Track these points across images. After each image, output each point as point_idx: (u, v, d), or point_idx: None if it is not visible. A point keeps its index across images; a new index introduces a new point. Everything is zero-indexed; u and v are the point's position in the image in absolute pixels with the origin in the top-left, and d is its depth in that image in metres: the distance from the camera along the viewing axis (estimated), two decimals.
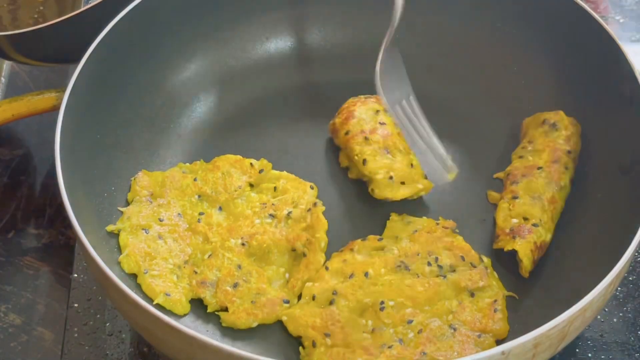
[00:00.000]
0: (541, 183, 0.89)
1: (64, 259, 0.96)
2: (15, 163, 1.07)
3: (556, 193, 0.89)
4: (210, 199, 0.92)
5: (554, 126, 0.92)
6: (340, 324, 0.81)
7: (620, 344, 0.87)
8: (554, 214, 0.88)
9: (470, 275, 0.84)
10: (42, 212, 1.02)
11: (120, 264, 0.85)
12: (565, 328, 0.72)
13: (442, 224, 0.89)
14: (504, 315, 0.83)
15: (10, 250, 0.99)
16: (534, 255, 0.85)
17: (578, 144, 0.93)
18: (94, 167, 0.90)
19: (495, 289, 0.84)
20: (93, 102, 0.90)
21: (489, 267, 0.86)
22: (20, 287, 0.96)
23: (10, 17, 1.10)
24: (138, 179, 0.93)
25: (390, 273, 0.84)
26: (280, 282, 0.87)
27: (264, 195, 0.93)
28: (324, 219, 0.90)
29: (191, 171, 0.95)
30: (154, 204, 0.91)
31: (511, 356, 0.69)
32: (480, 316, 0.82)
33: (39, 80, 1.17)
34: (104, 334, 0.88)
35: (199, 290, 0.86)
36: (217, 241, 0.88)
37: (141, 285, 0.84)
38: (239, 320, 0.84)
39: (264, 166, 0.95)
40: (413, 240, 0.87)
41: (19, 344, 0.91)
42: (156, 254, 0.87)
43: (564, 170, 0.90)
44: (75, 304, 0.91)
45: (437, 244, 0.87)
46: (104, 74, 0.92)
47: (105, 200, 0.90)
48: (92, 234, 0.81)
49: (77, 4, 1.09)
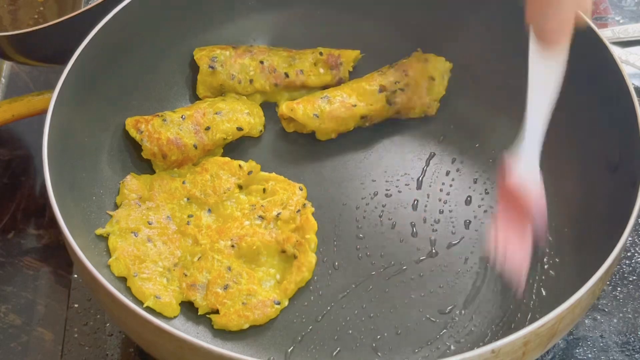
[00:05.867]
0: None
1: (64, 260, 0.96)
2: (15, 163, 1.07)
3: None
4: (199, 201, 0.92)
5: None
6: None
7: (620, 345, 0.88)
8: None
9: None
10: (42, 212, 1.02)
11: (109, 267, 0.85)
12: (555, 326, 0.72)
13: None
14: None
15: (10, 251, 0.99)
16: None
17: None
18: (82, 171, 0.90)
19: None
20: (80, 105, 0.90)
21: None
22: (20, 288, 0.95)
23: (10, 18, 1.10)
24: (126, 182, 0.93)
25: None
26: (271, 283, 0.87)
27: (253, 197, 0.93)
28: (314, 220, 0.90)
29: (180, 174, 0.95)
30: (142, 207, 0.91)
31: (501, 354, 0.70)
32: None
33: (39, 81, 1.17)
34: (104, 334, 0.88)
35: (189, 292, 0.85)
36: (206, 243, 0.88)
37: (131, 288, 0.84)
38: (231, 322, 0.84)
39: (252, 168, 0.95)
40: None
41: (19, 345, 0.91)
42: (145, 257, 0.87)
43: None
44: (75, 304, 0.91)
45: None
46: (91, 77, 0.91)
47: (94, 204, 0.90)
48: (81, 238, 0.81)
49: (77, 4, 1.09)
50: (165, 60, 1.01)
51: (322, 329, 0.85)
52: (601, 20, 1.19)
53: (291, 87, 1.02)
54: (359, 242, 0.91)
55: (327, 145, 0.99)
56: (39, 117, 1.02)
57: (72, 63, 0.88)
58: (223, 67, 1.00)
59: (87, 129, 0.92)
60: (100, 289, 0.75)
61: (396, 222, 0.93)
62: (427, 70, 1.00)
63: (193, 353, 0.70)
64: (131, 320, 0.74)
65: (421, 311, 0.86)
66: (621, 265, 0.94)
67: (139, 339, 0.79)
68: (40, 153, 0.81)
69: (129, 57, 0.97)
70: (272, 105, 1.02)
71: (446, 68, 1.01)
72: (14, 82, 1.17)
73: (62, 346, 0.88)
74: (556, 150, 0.95)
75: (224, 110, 0.97)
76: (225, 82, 1.00)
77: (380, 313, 0.86)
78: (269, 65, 1.01)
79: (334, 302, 0.87)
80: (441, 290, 0.87)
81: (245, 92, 1.01)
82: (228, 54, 1.01)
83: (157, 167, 0.95)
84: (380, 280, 0.88)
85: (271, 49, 1.03)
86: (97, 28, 0.91)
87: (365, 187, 0.96)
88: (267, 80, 1.01)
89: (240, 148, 0.99)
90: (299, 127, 0.99)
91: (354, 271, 0.89)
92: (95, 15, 0.92)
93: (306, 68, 1.01)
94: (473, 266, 0.89)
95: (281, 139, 1.00)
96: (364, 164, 0.98)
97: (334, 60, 1.02)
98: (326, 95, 0.98)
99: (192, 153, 0.95)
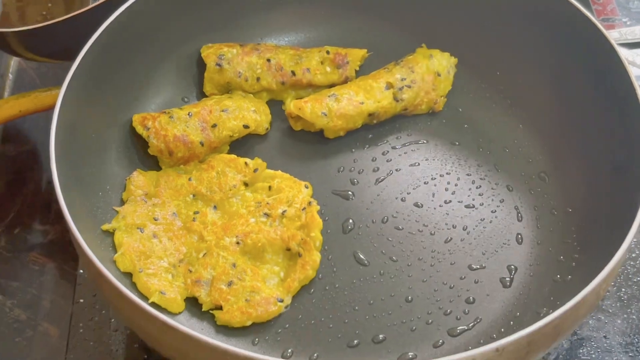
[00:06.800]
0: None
1: (70, 255, 0.97)
2: (21, 159, 1.07)
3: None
4: (205, 198, 0.92)
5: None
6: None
7: (624, 345, 0.88)
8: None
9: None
10: (48, 208, 1.03)
11: (115, 263, 0.85)
12: (559, 325, 0.72)
13: None
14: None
15: (16, 246, 0.99)
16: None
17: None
18: (89, 166, 0.90)
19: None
20: (87, 101, 0.91)
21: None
22: (25, 283, 0.96)
23: (18, 14, 1.10)
24: (133, 178, 0.93)
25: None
26: (275, 280, 0.87)
27: (258, 194, 0.93)
28: (319, 218, 0.90)
29: (186, 171, 0.95)
30: (148, 203, 0.91)
31: (505, 353, 0.70)
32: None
33: (46, 77, 1.17)
34: (109, 329, 0.89)
35: (193, 288, 0.86)
36: (211, 240, 0.89)
37: (136, 283, 0.85)
38: (234, 319, 0.84)
39: (258, 165, 0.95)
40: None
41: (24, 339, 0.91)
42: (151, 253, 0.87)
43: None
44: (80, 299, 0.91)
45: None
46: (99, 74, 0.92)
47: (100, 199, 0.90)
48: (87, 233, 0.81)
49: (85, 1, 1.09)
50: (172, 57, 1.02)
51: (326, 326, 0.85)
52: (608, 22, 1.19)
53: (298, 85, 1.02)
54: (364, 240, 0.91)
55: (333, 143, 0.99)
56: (45, 113, 1.03)
57: (79, 59, 0.89)
58: (230, 65, 1.00)
59: (94, 125, 0.92)
60: (105, 284, 0.75)
61: (403, 219, 0.93)
62: (433, 66, 1.00)
63: (198, 349, 0.71)
64: (136, 316, 0.74)
65: (426, 308, 0.86)
66: (626, 267, 0.94)
67: (143, 334, 0.79)
68: (47, 149, 0.82)
69: (137, 54, 0.97)
70: (278, 103, 1.02)
71: (452, 63, 1.02)
72: (21, 78, 1.18)
73: (67, 341, 0.88)
74: (562, 151, 0.95)
75: (230, 108, 0.97)
76: (232, 79, 1.00)
77: (384, 310, 0.86)
78: (276, 63, 1.01)
79: (337, 300, 0.87)
80: (446, 287, 0.87)
81: (251, 90, 1.01)
82: (235, 51, 1.01)
83: (164, 163, 0.95)
84: (386, 278, 0.88)
85: (278, 47, 1.03)
86: (104, 25, 0.91)
87: (373, 185, 0.96)
88: (273, 78, 1.01)
89: (247, 145, 0.99)
90: (307, 126, 0.99)
91: (359, 269, 0.89)
92: (103, 12, 0.92)
93: (313, 66, 1.02)
94: (478, 263, 0.89)
95: (287, 137, 1.00)
96: (371, 162, 0.98)
97: (340, 58, 1.02)
98: (334, 94, 0.98)
99: (198, 150, 0.95)
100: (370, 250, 0.90)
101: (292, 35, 1.07)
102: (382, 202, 0.94)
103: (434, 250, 0.90)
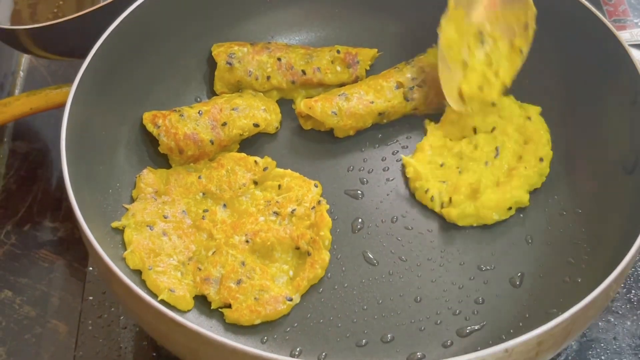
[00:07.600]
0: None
1: (79, 252, 0.97)
2: (32, 156, 1.08)
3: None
4: (215, 196, 0.92)
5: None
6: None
7: (633, 347, 0.87)
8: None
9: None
10: (59, 205, 1.03)
11: (124, 260, 0.86)
12: (569, 326, 0.72)
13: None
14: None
15: (26, 243, 1.00)
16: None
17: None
18: (100, 164, 0.90)
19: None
20: (98, 99, 0.91)
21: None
22: (35, 280, 0.96)
23: (29, 12, 1.11)
24: (143, 176, 0.93)
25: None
26: (284, 279, 0.87)
27: (268, 193, 0.93)
28: (328, 217, 0.90)
29: (196, 169, 0.95)
30: (158, 201, 0.91)
31: (514, 354, 0.70)
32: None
33: (57, 75, 1.18)
34: (118, 327, 0.89)
35: (202, 286, 0.86)
36: (221, 238, 0.89)
37: (146, 281, 0.85)
38: (242, 317, 0.84)
39: (268, 164, 0.95)
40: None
41: (34, 336, 0.92)
42: (160, 251, 0.87)
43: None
44: (90, 296, 0.91)
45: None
46: (109, 71, 0.92)
47: (110, 197, 0.91)
48: (97, 230, 0.81)
49: None
50: (183, 55, 1.02)
51: (334, 326, 0.85)
52: (620, 23, 1.19)
53: (308, 84, 1.02)
54: (374, 240, 0.91)
55: (343, 142, 0.99)
56: (56, 110, 1.03)
57: (90, 57, 0.89)
58: (240, 64, 1.00)
59: (104, 122, 0.93)
60: (115, 281, 0.75)
61: (413, 219, 0.93)
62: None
63: (206, 346, 0.71)
64: (146, 313, 0.75)
65: (435, 308, 0.86)
66: (636, 268, 0.94)
67: (153, 331, 0.79)
68: (57, 146, 0.82)
69: (147, 52, 0.98)
70: (288, 102, 1.03)
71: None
72: (32, 75, 1.18)
73: (76, 338, 0.88)
74: (573, 152, 0.95)
75: (240, 107, 0.97)
76: (243, 78, 1.01)
77: (393, 310, 0.86)
78: (286, 62, 1.01)
79: (346, 299, 0.87)
80: (456, 288, 0.87)
81: (262, 89, 1.01)
82: (246, 50, 1.01)
83: (174, 161, 0.96)
84: (395, 278, 0.88)
85: (289, 46, 1.04)
86: (115, 23, 0.92)
87: (383, 184, 0.96)
88: (284, 77, 1.01)
89: (256, 144, 0.99)
90: (317, 125, 0.99)
91: (368, 268, 0.89)
92: (114, 10, 0.93)
93: (323, 66, 1.02)
94: (488, 264, 0.89)
95: (297, 136, 1.00)
96: (380, 161, 0.98)
97: (351, 58, 1.02)
98: (344, 93, 0.98)
99: (208, 148, 0.95)
100: (380, 249, 0.90)
101: (302, 34, 1.08)
102: (392, 202, 0.94)
103: (444, 250, 0.90)
